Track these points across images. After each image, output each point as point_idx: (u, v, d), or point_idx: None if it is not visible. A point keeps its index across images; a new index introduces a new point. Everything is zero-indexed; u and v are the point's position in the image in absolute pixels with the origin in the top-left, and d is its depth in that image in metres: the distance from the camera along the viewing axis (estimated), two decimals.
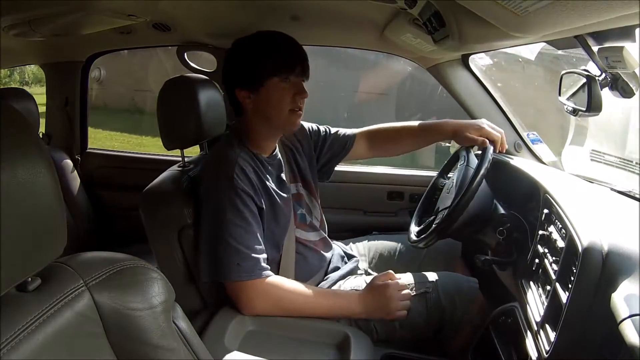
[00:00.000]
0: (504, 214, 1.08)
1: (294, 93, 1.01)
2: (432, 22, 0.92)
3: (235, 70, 1.04)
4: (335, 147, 1.25)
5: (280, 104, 1.01)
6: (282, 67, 1.00)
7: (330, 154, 1.25)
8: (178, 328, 0.59)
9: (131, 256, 0.57)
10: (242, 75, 1.02)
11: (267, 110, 1.02)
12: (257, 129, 1.06)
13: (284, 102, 1.01)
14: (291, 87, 1.01)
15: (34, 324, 0.45)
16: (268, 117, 1.04)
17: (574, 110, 1.06)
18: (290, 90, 1.01)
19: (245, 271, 0.96)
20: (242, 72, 1.02)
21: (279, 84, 1.00)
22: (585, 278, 0.73)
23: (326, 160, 1.25)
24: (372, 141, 1.28)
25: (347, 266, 1.20)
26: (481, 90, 1.42)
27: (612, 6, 0.53)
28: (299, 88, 1.02)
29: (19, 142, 0.43)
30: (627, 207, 0.98)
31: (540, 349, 0.81)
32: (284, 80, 1.00)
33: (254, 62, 1.00)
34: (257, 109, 1.03)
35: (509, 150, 1.42)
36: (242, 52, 1.03)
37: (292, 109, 1.02)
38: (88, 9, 0.98)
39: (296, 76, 1.02)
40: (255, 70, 1.00)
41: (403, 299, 1.03)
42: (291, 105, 1.02)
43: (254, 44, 1.02)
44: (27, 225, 0.43)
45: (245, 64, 1.01)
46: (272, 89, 1.00)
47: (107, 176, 1.86)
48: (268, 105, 1.02)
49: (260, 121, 1.05)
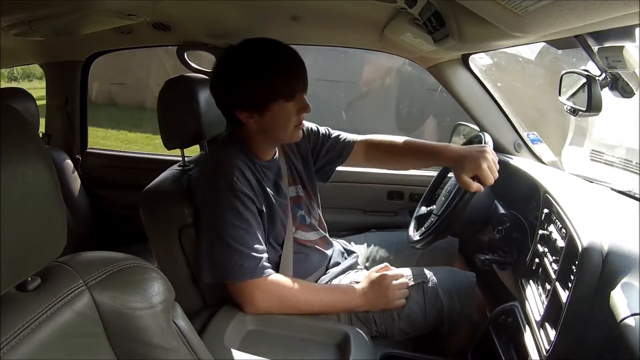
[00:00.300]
0: (504, 214, 1.08)
1: (298, 109, 0.99)
2: (432, 21, 0.92)
3: (236, 92, 0.98)
4: (333, 152, 1.23)
5: (285, 124, 1.00)
6: (288, 90, 0.96)
7: (327, 158, 1.24)
8: (178, 328, 0.59)
9: (131, 256, 0.57)
10: (244, 98, 0.97)
11: (273, 130, 1.01)
12: (258, 140, 1.04)
13: (290, 121, 0.99)
14: (296, 104, 0.99)
15: (34, 323, 0.45)
16: (273, 135, 1.03)
17: (574, 110, 1.06)
18: (295, 107, 0.99)
19: (248, 271, 0.96)
20: (243, 95, 0.97)
21: (285, 104, 0.97)
22: (585, 277, 0.73)
23: (323, 163, 1.24)
24: (371, 152, 1.25)
25: (347, 261, 1.21)
26: (481, 90, 1.42)
27: (612, 6, 0.53)
28: (302, 103, 1.00)
29: (19, 142, 0.43)
30: (627, 207, 0.98)
31: (540, 348, 0.82)
32: (289, 100, 0.97)
33: (258, 85, 0.95)
34: (261, 128, 1.00)
35: (509, 150, 1.42)
36: (241, 73, 0.96)
37: (295, 125, 1.01)
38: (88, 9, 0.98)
39: (300, 92, 0.99)
40: (258, 95, 0.96)
41: (400, 288, 1.04)
42: (296, 122, 1.01)
43: (254, 64, 0.95)
44: (27, 225, 0.43)
45: (248, 88, 0.96)
46: (278, 110, 0.97)
47: (107, 176, 1.86)
48: (274, 125, 0.99)
49: (262, 137, 1.03)
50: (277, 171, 1.10)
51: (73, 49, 1.75)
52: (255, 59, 0.96)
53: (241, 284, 0.97)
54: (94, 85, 4.93)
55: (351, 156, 1.25)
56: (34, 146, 0.44)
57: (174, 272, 1.05)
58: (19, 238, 0.42)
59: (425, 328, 1.07)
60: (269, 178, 1.07)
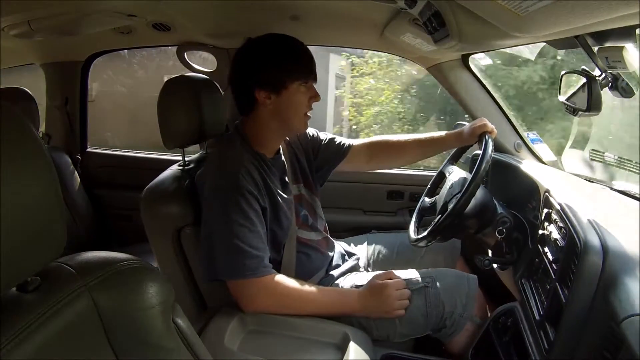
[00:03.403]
0: (504, 214, 1.08)
1: (310, 97, 1.05)
2: (432, 22, 0.92)
3: (256, 70, 1.03)
4: (327, 153, 1.26)
5: (299, 107, 1.05)
6: (305, 72, 1.04)
7: (321, 159, 1.26)
8: (178, 328, 0.58)
9: (131, 256, 0.57)
10: (264, 76, 1.03)
11: (286, 112, 1.05)
12: (269, 128, 1.07)
13: (302, 105, 1.05)
14: (309, 91, 1.05)
15: (34, 324, 0.45)
16: (285, 119, 1.06)
17: (574, 110, 1.06)
18: (308, 94, 1.05)
19: (250, 269, 0.96)
20: (264, 73, 1.03)
21: (300, 88, 1.03)
22: (585, 277, 0.73)
23: (318, 165, 1.26)
24: (372, 153, 1.30)
25: (347, 264, 1.21)
26: (481, 90, 1.42)
27: (612, 6, 0.53)
28: (314, 92, 1.06)
29: (19, 142, 0.43)
30: (627, 206, 0.98)
31: (541, 348, 0.82)
32: (304, 84, 1.04)
33: (278, 64, 1.02)
34: (276, 110, 1.05)
35: (509, 150, 1.42)
36: (263, 53, 1.04)
37: (306, 112, 1.07)
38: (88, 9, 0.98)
39: (313, 80, 1.06)
40: (279, 72, 1.02)
41: (401, 298, 1.03)
42: (307, 109, 1.06)
43: (275, 47, 1.04)
44: (27, 225, 0.43)
45: (269, 66, 1.03)
46: (294, 92, 1.03)
47: (107, 176, 1.86)
48: (288, 107, 1.04)
49: (275, 122, 1.06)
50: (282, 168, 1.12)
51: (73, 49, 1.75)
52: (276, 44, 1.05)
53: (243, 282, 0.97)
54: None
55: (352, 160, 1.28)
56: (34, 146, 0.44)
57: (174, 272, 1.05)
58: (19, 238, 0.42)
59: (427, 330, 1.06)
60: (274, 174, 1.08)
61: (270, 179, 1.05)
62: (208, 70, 1.58)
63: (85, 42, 1.69)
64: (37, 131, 1.66)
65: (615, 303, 0.65)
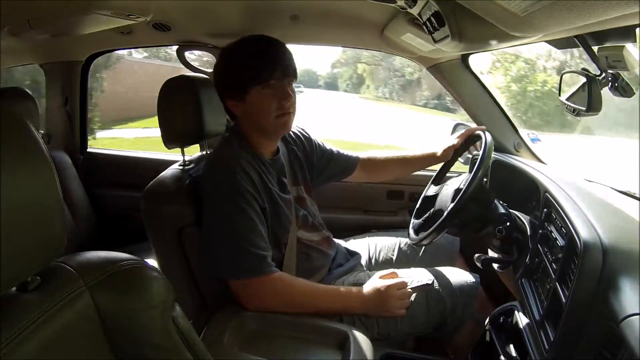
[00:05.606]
0: (504, 214, 1.08)
1: (279, 98, 1.01)
2: (432, 21, 0.92)
3: (222, 79, 1.06)
4: (336, 169, 1.30)
5: (266, 111, 1.02)
6: (261, 74, 0.99)
7: (329, 173, 1.30)
8: (178, 328, 0.58)
9: (131, 256, 0.57)
10: (227, 85, 1.05)
11: (255, 117, 1.04)
12: (250, 133, 1.08)
13: (270, 108, 1.01)
14: (274, 92, 1.00)
15: (34, 324, 0.45)
16: (256, 123, 1.05)
17: (574, 109, 1.06)
18: (274, 96, 1.00)
19: (252, 268, 0.96)
20: (227, 81, 1.05)
21: (262, 91, 1.00)
22: (585, 277, 0.73)
23: (323, 176, 1.29)
24: (367, 169, 1.36)
25: (349, 263, 1.21)
26: (481, 90, 1.42)
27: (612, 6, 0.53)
28: (282, 92, 1.01)
29: (19, 143, 0.43)
30: (627, 206, 0.98)
31: (540, 348, 0.82)
32: (265, 86, 1.00)
33: (235, 72, 1.02)
34: (247, 115, 1.05)
35: (509, 150, 1.42)
36: (225, 62, 1.05)
37: (278, 114, 1.02)
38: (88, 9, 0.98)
39: (277, 80, 1.00)
40: (237, 80, 1.02)
41: (402, 298, 1.03)
42: (277, 111, 1.02)
43: (235, 54, 1.03)
44: (27, 225, 0.43)
45: (229, 75, 1.04)
46: (256, 96, 1.01)
47: (107, 176, 1.86)
48: (257, 112, 1.03)
49: (252, 127, 1.07)
50: (280, 169, 1.11)
51: (73, 49, 1.76)
52: (238, 50, 1.04)
53: (244, 281, 0.97)
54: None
55: (354, 174, 1.34)
56: (34, 146, 0.44)
57: (174, 272, 1.05)
58: (19, 238, 0.42)
59: (428, 329, 1.07)
60: (272, 175, 1.08)
61: (269, 179, 1.05)
62: (208, 70, 1.58)
63: (85, 42, 1.69)
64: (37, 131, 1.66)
65: (615, 303, 0.65)
